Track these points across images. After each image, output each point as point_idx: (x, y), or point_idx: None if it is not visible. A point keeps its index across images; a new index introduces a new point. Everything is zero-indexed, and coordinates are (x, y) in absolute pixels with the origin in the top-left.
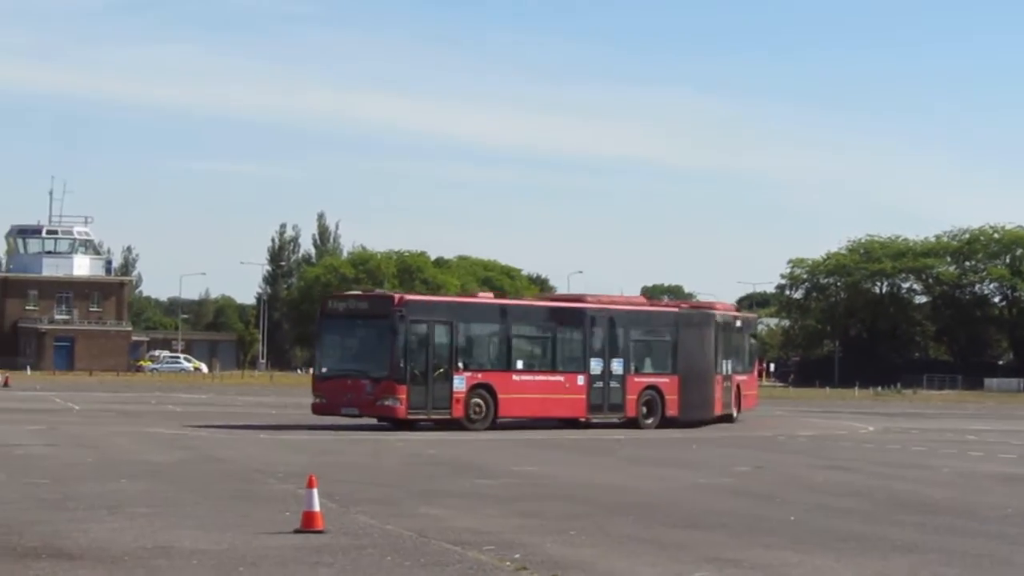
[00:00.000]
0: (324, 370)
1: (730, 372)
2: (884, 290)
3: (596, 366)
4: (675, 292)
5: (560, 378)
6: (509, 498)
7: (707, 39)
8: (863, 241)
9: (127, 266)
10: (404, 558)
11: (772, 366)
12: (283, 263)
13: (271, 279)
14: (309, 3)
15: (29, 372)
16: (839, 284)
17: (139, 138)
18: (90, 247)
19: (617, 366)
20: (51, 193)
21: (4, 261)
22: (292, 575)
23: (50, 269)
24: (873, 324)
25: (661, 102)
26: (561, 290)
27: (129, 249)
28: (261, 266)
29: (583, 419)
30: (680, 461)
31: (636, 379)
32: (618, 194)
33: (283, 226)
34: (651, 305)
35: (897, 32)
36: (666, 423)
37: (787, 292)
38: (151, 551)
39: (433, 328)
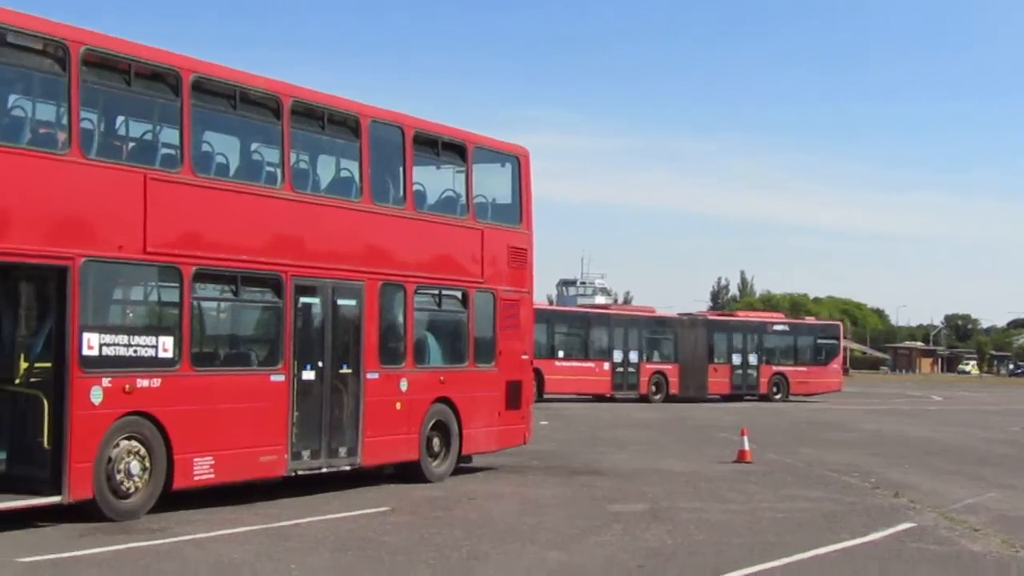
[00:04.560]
0: None
1: (756, 363)
2: None
3: (618, 356)
4: (964, 318)
5: (591, 364)
6: (861, 443)
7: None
8: None
9: (627, 303)
10: (800, 479)
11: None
12: (719, 302)
13: None
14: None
15: None
16: None
17: (633, 223)
18: (604, 291)
19: (634, 356)
20: (582, 260)
21: (555, 301)
22: (732, 487)
23: None
24: None
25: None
26: (892, 319)
27: (628, 292)
28: (705, 303)
29: (609, 395)
30: (971, 423)
31: (648, 366)
32: (932, 242)
33: (719, 278)
34: (661, 314)
35: None
36: (669, 399)
37: None
38: (647, 471)
39: None
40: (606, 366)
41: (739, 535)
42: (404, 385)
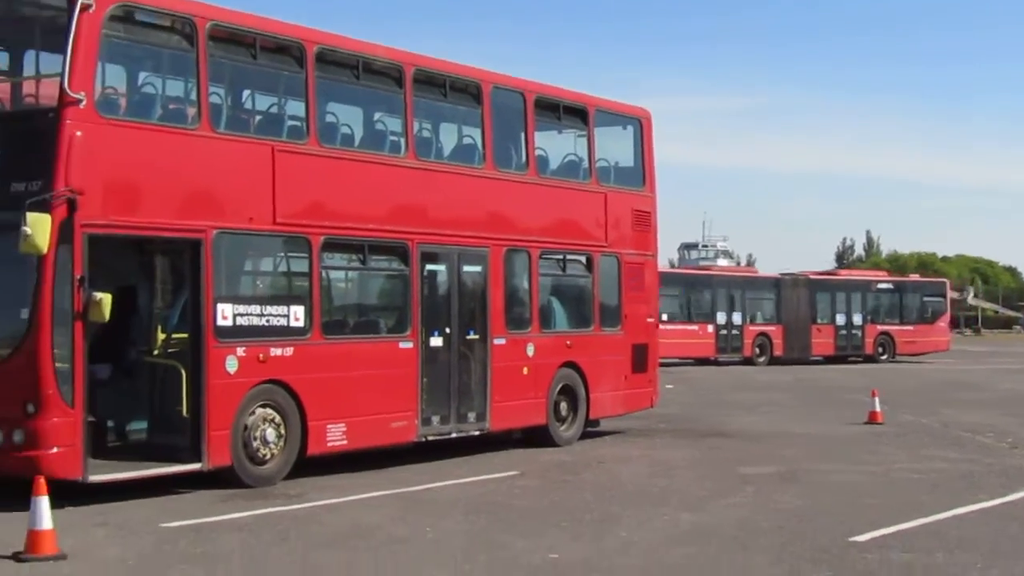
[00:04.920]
0: None
1: (860, 323)
2: None
3: (721, 318)
4: None
5: (695, 327)
6: (995, 403)
7: None
8: None
9: (750, 265)
10: (935, 439)
11: None
12: (845, 262)
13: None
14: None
15: None
16: None
17: (756, 185)
18: (727, 254)
19: (737, 318)
20: (703, 223)
21: (677, 264)
22: (864, 448)
23: None
24: None
25: None
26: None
27: (750, 255)
28: (830, 264)
29: (713, 358)
30: None
31: (751, 327)
32: None
33: (844, 239)
34: (760, 274)
35: None
36: (773, 361)
37: None
38: (775, 433)
39: None
40: (710, 328)
41: (873, 496)
42: (531, 350)
